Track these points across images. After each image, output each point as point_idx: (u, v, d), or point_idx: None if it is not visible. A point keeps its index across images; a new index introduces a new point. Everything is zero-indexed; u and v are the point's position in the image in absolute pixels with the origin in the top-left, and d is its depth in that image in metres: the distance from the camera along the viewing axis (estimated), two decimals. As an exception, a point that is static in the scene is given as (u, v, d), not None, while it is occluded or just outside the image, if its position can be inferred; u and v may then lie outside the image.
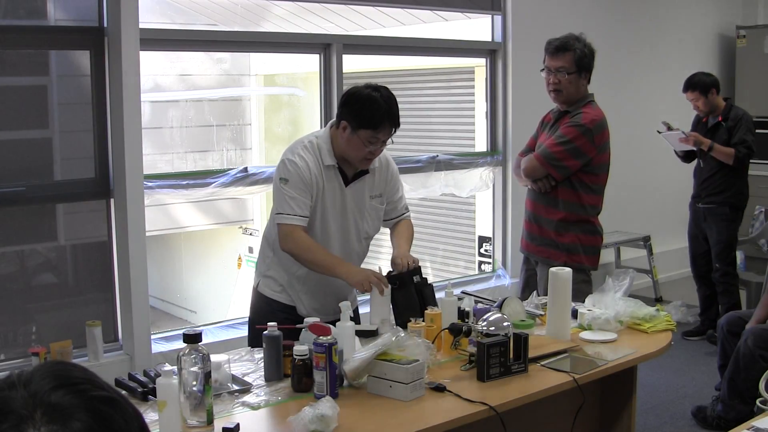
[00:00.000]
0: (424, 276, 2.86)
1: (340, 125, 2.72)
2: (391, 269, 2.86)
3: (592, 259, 3.59)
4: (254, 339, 2.85)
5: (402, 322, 2.73)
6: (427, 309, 2.71)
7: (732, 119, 4.93)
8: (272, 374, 2.42)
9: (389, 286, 2.72)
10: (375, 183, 2.89)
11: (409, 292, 2.80)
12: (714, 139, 4.94)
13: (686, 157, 5.22)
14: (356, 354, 2.32)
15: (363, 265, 2.97)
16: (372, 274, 2.71)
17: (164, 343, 4.06)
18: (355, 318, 2.90)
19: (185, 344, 2.06)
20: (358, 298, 3.08)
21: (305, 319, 2.51)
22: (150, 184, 3.96)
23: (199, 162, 7.43)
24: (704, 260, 5.20)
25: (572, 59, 3.43)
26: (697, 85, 4.98)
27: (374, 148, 2.70)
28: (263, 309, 2.88)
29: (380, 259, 3.00)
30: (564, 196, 3.50)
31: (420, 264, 2.87)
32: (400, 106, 2.72)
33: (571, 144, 3.42)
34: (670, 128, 5.08)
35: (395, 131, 2.72)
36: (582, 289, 3.30)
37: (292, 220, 2.69)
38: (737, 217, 5.08)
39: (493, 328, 2.48)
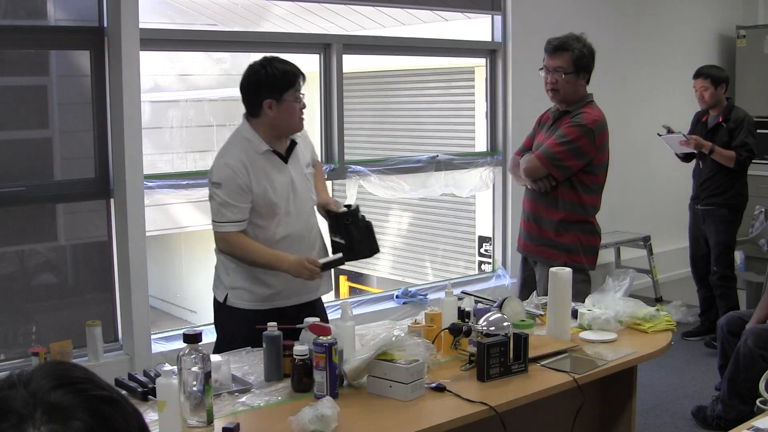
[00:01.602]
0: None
1: (263, 110, 2.78)
2: (328, 212, 2.98)
3: (591, 259, 3.59)
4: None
5: (357, 254, 2.84)
6: (376, 242, 2.91)
7: (733, 121, 4.90)
8: (272, 374, 2.42)
9: (321, 273, 2.84)
10: (302, 152, 2.97)
11: (360, 225, 2.90)
12: (714, 141, 4.92)
13: (685, 157, 5.21)
14: (356, 354, 2.32)
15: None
16: (305, 262, 2.77)
17: (164, 343, 4.06)
18: (321, 310, 3.00)
19: (185, 344, 2.06)
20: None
21: (305, 319, 2.51)
22: (150, 184, 3.95)
23: (199, 162, 7.43)
24: (704, 262, 5.17)
25: (570, 59, 3.44)
26: (710, 74, 4.94)
27: (302, 103, 2.82)
28: (237, 320, 2.88)
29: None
30: (564, 196, 3.50)
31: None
32: (400, 106, 2.80)
33: (573, 144, 3.42)
34: (670, 131, 5.06)
35: (305, 81, 2.83)
36: (582, 289, 3.30)
37: (227, 227, 2.78)
38: (736, 220, 5.05)
39: (493, 328, 2.48)
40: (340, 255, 2.88)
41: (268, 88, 2.76)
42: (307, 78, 2.83)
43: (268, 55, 2.87)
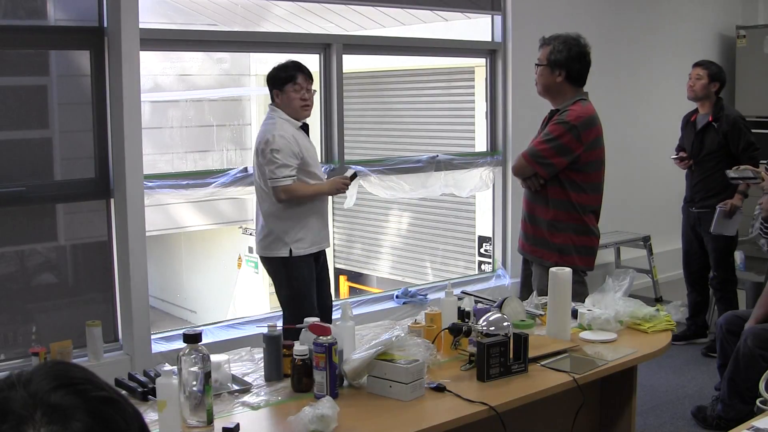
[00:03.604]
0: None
1: (274, 100, 3.75)
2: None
3: (586, 260, 3.54)
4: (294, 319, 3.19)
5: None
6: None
7: (726, 123, 4.81)
8: (272, 374, 2.42)
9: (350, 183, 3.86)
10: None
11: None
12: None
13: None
14: (356, 354, 2.32)
15: None
16: (338, 179, 3.86)
17: (164, 343, 4.06)
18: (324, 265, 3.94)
19: (185, 344, 2.06)
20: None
21: (305, 319, 2.51)
22: (150, 184, 3.95)
23: (199, 162, 7.44)
24: (698, 265, 5.11)
25: (545, 53, 3.55)
26: (710, 67, 4.90)
27: (302, 94, 3.72)
28: (300, 266, 3.70)
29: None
30: (554, 195, 3.48)
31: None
32: (400, 106, 2.81)
33: (556, 141, 3.42)
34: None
35: (312, 80, 3.78)
36: (576, 290, 3.25)
37: (287, 180, 3.62)
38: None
39: (493, 328, 2.48)
40: (354, 170, 3.95)
41: (274, 82, 3.75)
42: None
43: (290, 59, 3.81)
